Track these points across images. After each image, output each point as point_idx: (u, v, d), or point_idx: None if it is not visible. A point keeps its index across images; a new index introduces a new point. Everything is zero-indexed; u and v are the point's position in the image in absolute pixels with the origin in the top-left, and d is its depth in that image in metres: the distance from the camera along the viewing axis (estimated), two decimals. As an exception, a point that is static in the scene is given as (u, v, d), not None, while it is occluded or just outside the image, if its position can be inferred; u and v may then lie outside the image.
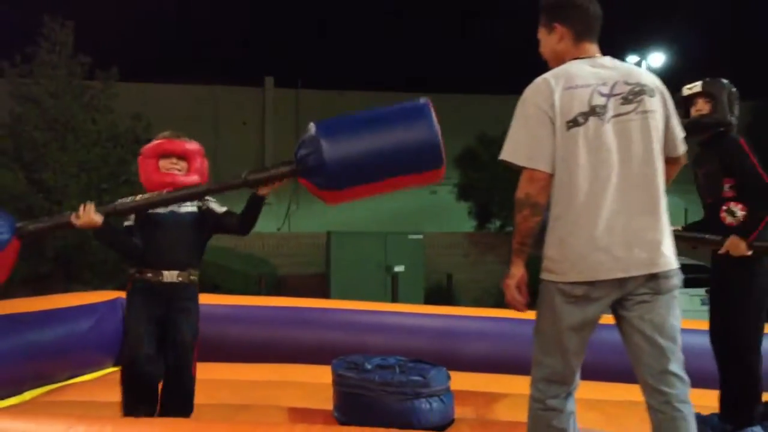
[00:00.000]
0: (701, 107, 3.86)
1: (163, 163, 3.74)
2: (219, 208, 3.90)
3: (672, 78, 4.10)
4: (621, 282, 2.62)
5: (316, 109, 28.75)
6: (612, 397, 4.77)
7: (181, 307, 3.75)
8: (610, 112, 2.65)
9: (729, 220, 3.76)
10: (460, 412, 4.19)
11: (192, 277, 3.80)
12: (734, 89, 3.86)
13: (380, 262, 16.15)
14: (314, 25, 33.10)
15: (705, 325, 4.04)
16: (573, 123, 2.63)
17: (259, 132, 29.07)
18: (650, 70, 21.46)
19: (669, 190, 2.80)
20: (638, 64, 26.08)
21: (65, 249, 12.87)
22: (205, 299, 6.67)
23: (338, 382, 4.12)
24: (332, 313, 6.07)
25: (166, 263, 3.69)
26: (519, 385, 3.78)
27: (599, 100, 2.65)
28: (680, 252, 4.41)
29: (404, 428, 3.48)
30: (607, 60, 2.80)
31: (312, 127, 3.48)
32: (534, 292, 2.75)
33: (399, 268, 13.89)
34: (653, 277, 2.64)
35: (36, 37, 13.77)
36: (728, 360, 3.72)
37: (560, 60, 2.82)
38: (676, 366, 2.65)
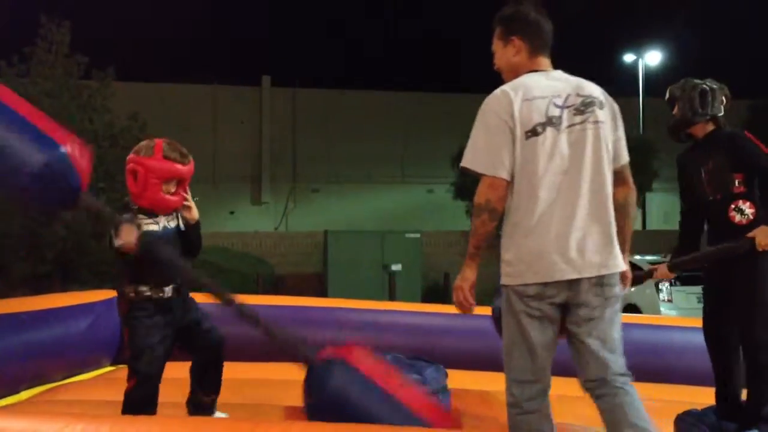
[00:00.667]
0: (675, 110, 3.93)
1: (166, 187, 3.58)
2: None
3: (669, 76, 4.12)
4: (572, 283, 2.75)
5: (314, 107, 28.85)
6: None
7: (195, 317, 3.81)
8: (565, 123, 2.79)
9: (738, 218, 3.73)
10: (457, 409, 4.19)
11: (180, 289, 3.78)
12: (709, 86, 3.85)
13: (377, 261, 16.17)
14: (312, 24, 33.10)
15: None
16: (532, 133, 2.76)
17: (257, 131, 29.06)
18: (647, 68, 21.27)
19: (667, 189, 2.83)
20: (635, 62, 26.13)
21: (64, 250, 12.86)
22: (203, 298, 6.70)
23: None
24: (330, 312, 6.06)
25: (165, 279, 3.64)
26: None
27: (555, 111, 2.79)
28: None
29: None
30: (559, 73, 2.95)
31: None
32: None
33: (396, 267, 13.91)
34: (601, 284, 2.77)
35: (33, 37, 13.76)
36: (746, 360, 3.71)
37: (516, 72, 2.95)
38: (613, 369, 2.81)
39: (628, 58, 26.56)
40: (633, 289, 13.75)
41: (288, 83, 28.88)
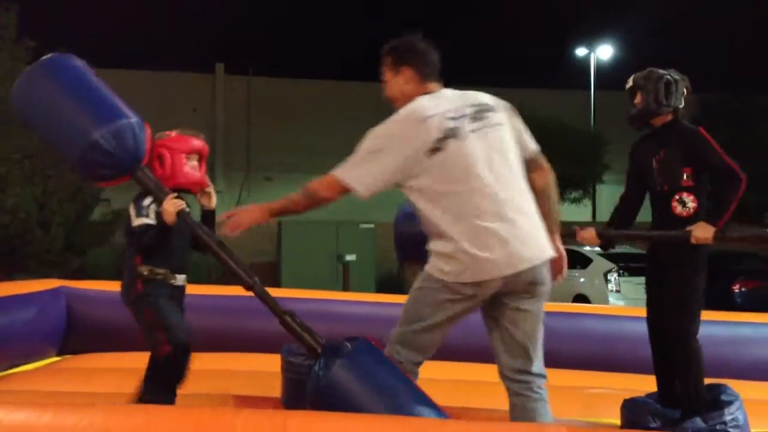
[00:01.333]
0: (637, 100, 3.94)
1: (191, 163, 3.78)
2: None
3: (620, 70, 4.18)
4: (507, 278, 2.88)
5: (268, 96, 28.63)
6: (555, 382, 4.85)
7: (184, 308, 3.89)
8: (465, 131, 2.95)
9: (679, 210, 3.80)
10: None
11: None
12: (672, 77, 3.89)
13: (331, 251, 16.16)
14: (267, 11, 32.77)
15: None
16: (435, 150, 2.91)
17: (210, 119, 28.72)
18: (599, 62, 21.55)
19: (618, 181, 2.88)
20: (587, 56, 26.48)
21: (7, 238, 12.56)
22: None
23: (286, 368, 4.10)
24: (282, 302, 6.01)
25: (177, 267, 3.79)
26: (485, 372, 3.80)
27: (450, 124, 2.95)
28: (624, 241, 4.45)
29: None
30: (449, 91, 3.12)
31: None
32: None
33: (350, 257, 13.89)
34: (533, 276, 2.91)
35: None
36: (674, 348, 3.77)
37: (407, 99, 3.10)
38: (536, 365, 2.99)
39: (580, 52, 26.90)
40: (582, 279, 14.02)
41: (242, 71, 28.60)
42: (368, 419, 2.23)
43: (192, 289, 6.50)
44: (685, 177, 3.79)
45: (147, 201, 3.62)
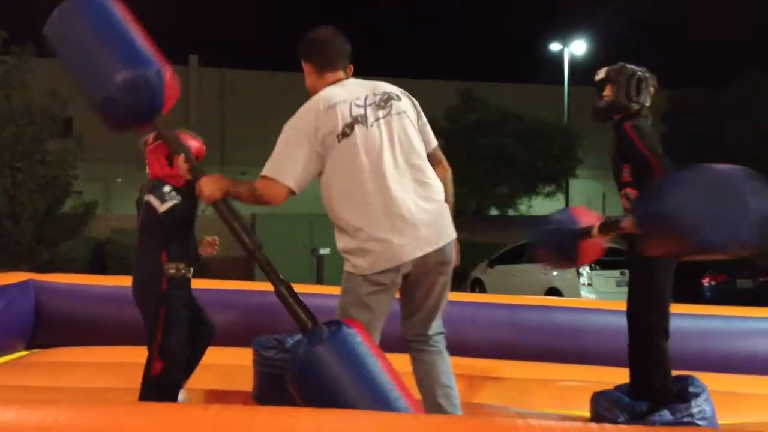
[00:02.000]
0: (607, 93, 3.94)
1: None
2: None
3: (593, 66, 4.21)
4: (418, 261, 3.01)
5: (243, 89, 28.46)
6: (528, 375, 4.88)
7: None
8: (371, 118, 3.07)
9: (627, 204, 3.85)
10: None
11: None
12: (643, 74, 3.91)
13: (306, 245, 16.11)
14: (242, 2, 32.54)
15: (619, 305, 4.15)
16: (342, 135, 3.03)
17: (183, 112, 28.49)
18: (572, 57, 21.67)
19: (590, 176, 2.89)
20: (560, 52, 26.62)
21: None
22: (126, 282, 6.55)
23: (258, 362, 4.08)
24: (255, 296, 6.00)
25: (191, 260, 3.88)
26: (462, 366, 3.80)
27: (358, 111, 3.07)
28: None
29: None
30: (355, 80, 3.23)
31: None
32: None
33: (325, 251, 13.85)
34: (442, 256, 3.07)
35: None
36: (638, 342, 3.81)
37: (314, 91, 3.23)
38: (435, 327, 3.24)
39: (554, 47, 27.04)
40: (555, 273, 14.09)
41: (216, 63, 28.40)
42: (339, 414, 2.22)
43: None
44: (625, 173, 3.85)
45: (167, 188, 3.71)
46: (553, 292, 12.72)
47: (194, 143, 3.80)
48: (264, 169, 3.08)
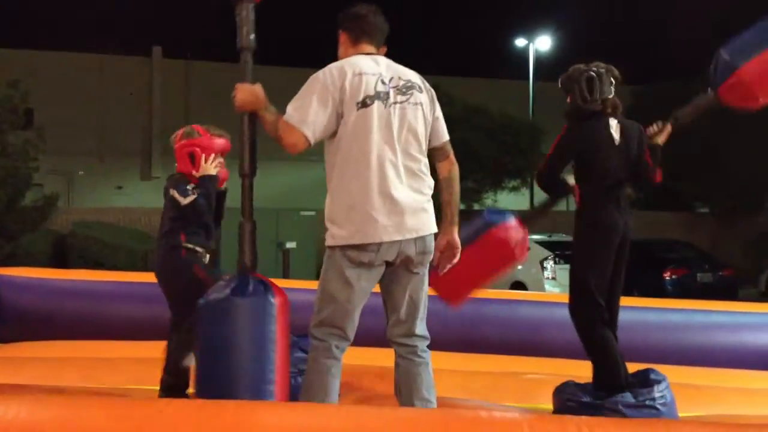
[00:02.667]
0: (569, 99, 4.05)
1: (218, 161, 4.09)
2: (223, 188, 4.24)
3: (558, 61, 4.25)
4: (395, 244, 3.08)
5: (208, 80, 28.14)
6: (492, 368, 4.92)
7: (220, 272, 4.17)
8: (391, 99, 3.15)
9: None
10: (348, 386, 4.21)
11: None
12: (596, 71, 3.97)
13: (272, 238, 16.02)
14: (206, -5, 32.17)
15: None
16: (362, 104, 3.10)
17: (147, 103, 28.14)
18: (538, 53, 21.80)
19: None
20: (526, 47, 26.77)
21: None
22: (88, 275, 6.47)
23: None
24: (220, 290, 5.96)
25: (208, 248, 4.10)
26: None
27: (382, 87, 3.14)
28: (560, 229, 4.55)
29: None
30: (384, 59, 3.28)
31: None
32: None
33: (290, 245, 13.82)
34: (423, 246, 3.15)
35: None
36: (582, 334, 3.89)
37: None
38: (421, 328, 3.25)
39: (520, 42, 27.18)
40: (519, 266, 14.24)
41: (181, 55, 28.06)
42: (305, 408, 2.22)
43: (128, 277, 6.40)
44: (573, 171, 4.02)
45: (189, 186, 3.95)
46: (518, 286, 12.81)
47: (220, 141, 4.10)
48: (287, 115, 3.13)
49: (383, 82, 3.14)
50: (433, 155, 3.32)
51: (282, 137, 3.14)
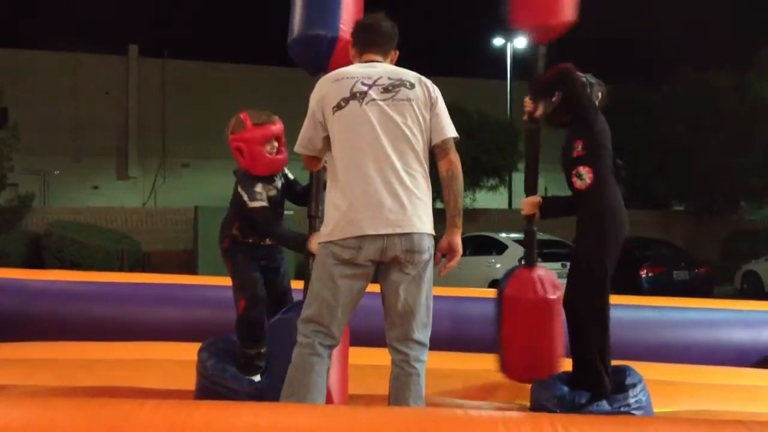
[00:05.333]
0: (556, 99, 4.01)
1: (268, 148, 4.00)
2: (291, 175, 4.25)
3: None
4: (380, 241, 3.06)
5: (185, 80, 27.98)
6: (470, 366, 4.94)
7: (278, 265, 4.24)
8: (369, 98, 3.15)
9: (579, 184, 3.90)
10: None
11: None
12: (589, 81, 4.00)
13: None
14: (182, -7, 31.98)
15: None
16: (337, 107, 3.16)
17: (123, 102, 27.90)
18: (516, 52, 21.83)
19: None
20: (504, 46, 26.86)
21: None
22: (64, 276, 6.41)
23: (199, 370, 4.01)
24: (198, 290, 5.93)
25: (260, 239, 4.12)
26: (378, 356, 3.83)
27: (360, 88, 3.16)
28: (539, 228, 4.56)
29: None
30: (380, 64, 3.31)
31: None
32: None
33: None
34: (411, 250, 3.10)
35: None
36: (576, 332, 3.87)
37: None
38: (418, 334, 3.18)
39: (497, 42, 27.27)
40: (498, 265, 14.23)
41: (157, 53, 27.85)
42: (277, 408, 2.21)
43: (105, 277, 6.36)
44: (576, 149, 3.91)
45: (258, 188, 3.96)
46: (496, 284, 12.83)
47: (272, 129, 4.02)
48: (297, 147, 3.35)
49: (363, 83, 3.16)
50: (434, 153, 3.26)
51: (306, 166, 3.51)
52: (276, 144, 4.02)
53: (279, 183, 4.10)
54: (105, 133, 27.04)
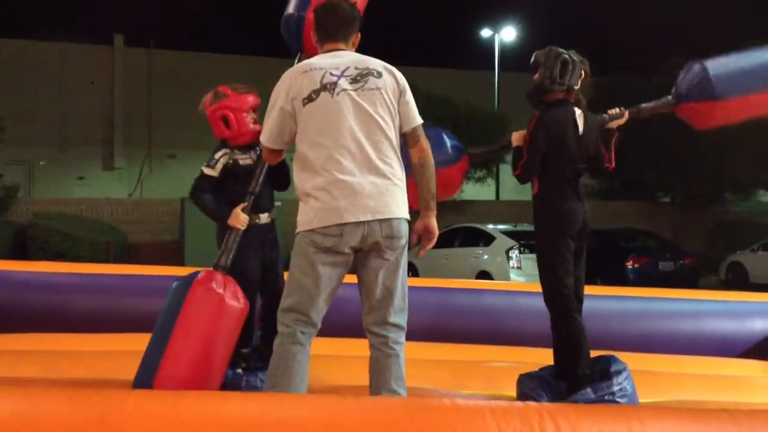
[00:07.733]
0: (536, 76, 3.99)
1: (252, 117, 4.06)
2: None
3: (523, 52, 4.26)
4: (360, 228, 3.11)
5: (170, 70, 27.84)
6: (457, 357, 4.95)
7: (273, 243, 4.25)
8: (339, 88, 3.18)
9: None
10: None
11: (273, 218, 4.25)
12: (570, 57, 3.96)
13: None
14: (169, -17, 31.76)
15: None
16: (308, 99, 3.19)
17: (108, 93, 27.73)
18: (503, 44, 21.97)
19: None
20: (491, 38, 26.88)
21: None
22: (49, 267, 6.36)
23: None
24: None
25: (260, 208, 4.07)
26: (357, 347, 3.83)
27: (330, 79, 3.20)
28: (525, 219, 4.57)
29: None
30: (346, 53, 3.34)
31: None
32: None
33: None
34: (390, 235, 3.16)
35: None
36: (556, 322, 3.90)
37: None
38: (395, 317, 3.24)
39: (485, 33, 27.29)
40: (486, 257, 14.28)
41: (143, 43, 27.68)
42: (265, 398, 2.21)
43: (90, 269, 6.31)
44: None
45: (219, 155, 4.03)
46: (484, 275, 12.90)
47: (253, 98, 4.08)
48: (262, 137, 3.40)
49: (332, 74, 3.19)
50: (404, 141, 3.33)
51: (267, 159, 3.62)
52: (254, 115, 4.08)
53: (254, 155, 4.09)
54: (90, 124, 26.89)
